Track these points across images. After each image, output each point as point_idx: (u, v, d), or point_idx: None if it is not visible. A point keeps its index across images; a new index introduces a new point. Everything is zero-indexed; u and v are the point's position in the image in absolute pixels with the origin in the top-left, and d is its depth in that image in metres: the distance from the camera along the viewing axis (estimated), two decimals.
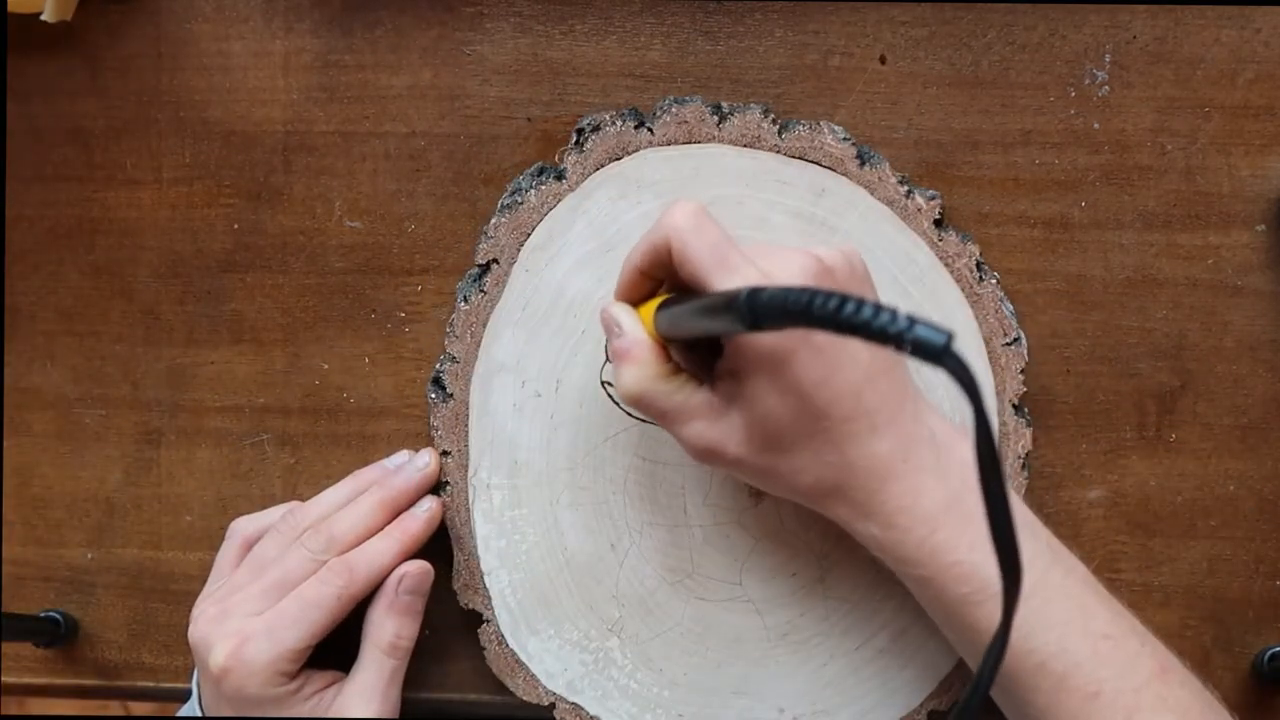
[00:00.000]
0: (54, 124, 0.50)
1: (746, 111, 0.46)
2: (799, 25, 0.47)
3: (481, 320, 0.47)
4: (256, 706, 0.42)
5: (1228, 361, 0.47)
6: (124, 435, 0.51)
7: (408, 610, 0.44)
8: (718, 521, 0.47)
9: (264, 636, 0.42)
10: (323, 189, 0.49)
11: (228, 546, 0.47)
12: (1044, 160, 0.47)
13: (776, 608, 0.47)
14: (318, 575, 0.43)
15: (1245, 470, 0.48)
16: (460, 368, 0.48)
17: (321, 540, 0.44)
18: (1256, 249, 0.47)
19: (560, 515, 0.47)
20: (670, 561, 0.47)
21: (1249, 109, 0.47)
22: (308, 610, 0.42)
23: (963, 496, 0.38)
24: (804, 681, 0.47)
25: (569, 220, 0.47)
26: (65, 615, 0.51)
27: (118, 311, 0.50)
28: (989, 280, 0.46)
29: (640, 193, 0.47)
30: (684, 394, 0.39)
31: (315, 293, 0.50)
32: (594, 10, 0.48)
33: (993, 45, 0.47)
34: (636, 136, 0.47)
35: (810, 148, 0.46)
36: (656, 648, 0.47)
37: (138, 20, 0.49)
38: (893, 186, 0.46)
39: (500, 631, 0.48)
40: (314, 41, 0.49)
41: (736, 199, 0.46)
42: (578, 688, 0.47)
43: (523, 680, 0.48)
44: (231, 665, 0.42)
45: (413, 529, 0.45)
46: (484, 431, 0.47)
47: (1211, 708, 0.39)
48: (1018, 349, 0.46)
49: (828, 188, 0.46)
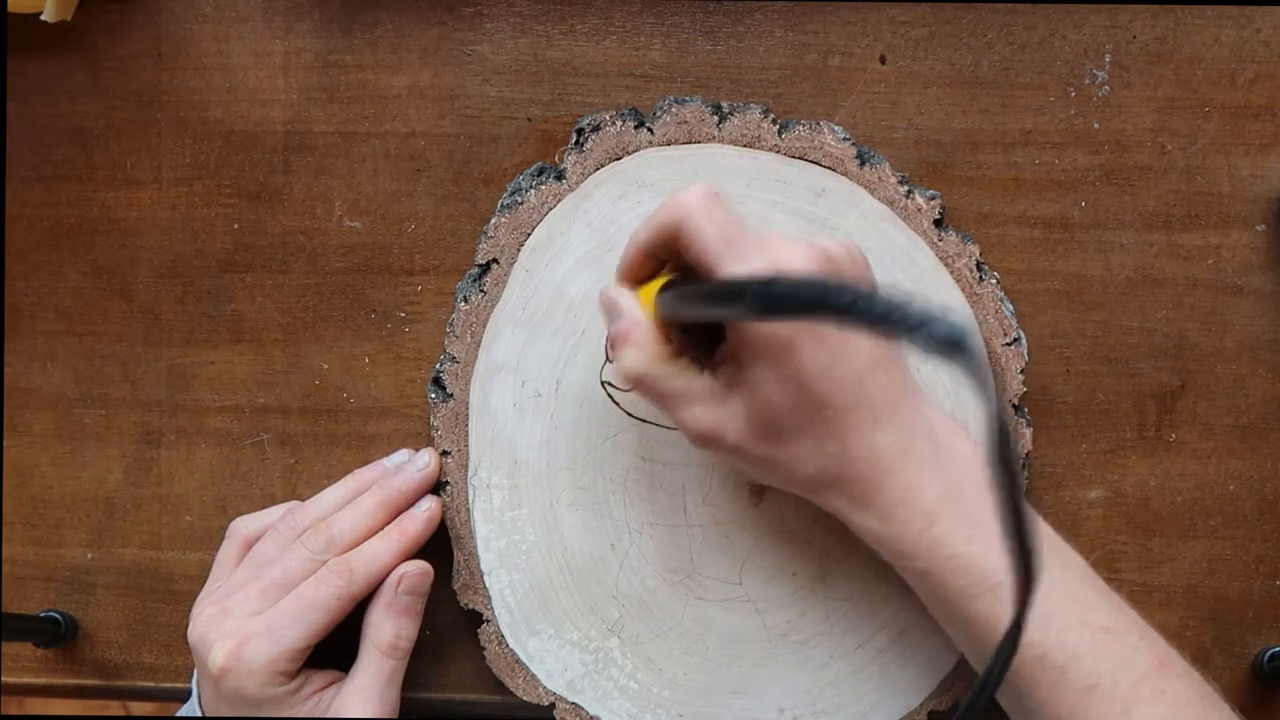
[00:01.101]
0: (54, 124, 0.50)
1: (746, 111, 0.46)
2: (799, 25, 0.47)
3: (481, 320, 0.47)
4: (255, 706, 0.42)
5: (1228, 361, 0.47)
6: (124, 435, 0.51)
7: (407, 611, 0.44)
8: (718, 521, 0.47)
9: (263, 636, 0.42)
10: (323, 189, 0.49)
11: (227, 546, 0.47)
12: (1044, 160, 0.47)
13: (777, 607, 0.47)
14: (317, 575, 0.43)
15: (1245, 470, 0.48)
16: (460, 368, 0.47)
17: (321, 540, 0.44)
18: (1256, 249, 0.47)
19: (560, 515, 0.47)
20: (670, 561, 0.47)
21: (1249, 109, 0.47)
22: (307, 610, 0.42)
23: (962, 490, 0.38)
24: (805, 681, 0.47)
25: (569, 220, 0.47)
26: (65, 615, 0.51)
27: (118, 311, 0.50)
28: (989, 280, 0.46)
29: (640, 192, 0.47)
30: (685, 378, 0.39)
31: (315, 293, 0.50)
32: (594, 10, 0.48)
33: (993, 45, 0.47)
34: (636, 136, 0.47)
35: (810, 148, 0.46)
36: (657, 648, 0.47)
37: (138, 20, 0.49)
38: (893, 186, 0.46)
39: (500, 631, 0.48)
40: (314, 41, 0.49)
41: (737, 199, 0.46)
42: (578, 688, 0.47)
43: (523, 680, 0.48)
44: (230, 665, 0.42)
45: (412, 529, 0.45)
46: (484, 431, 0.47)
47: (1209, 700, 0.39)
48: (1018, 349, 0.46)
49: (828, 188, 0.46)
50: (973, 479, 0.39)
